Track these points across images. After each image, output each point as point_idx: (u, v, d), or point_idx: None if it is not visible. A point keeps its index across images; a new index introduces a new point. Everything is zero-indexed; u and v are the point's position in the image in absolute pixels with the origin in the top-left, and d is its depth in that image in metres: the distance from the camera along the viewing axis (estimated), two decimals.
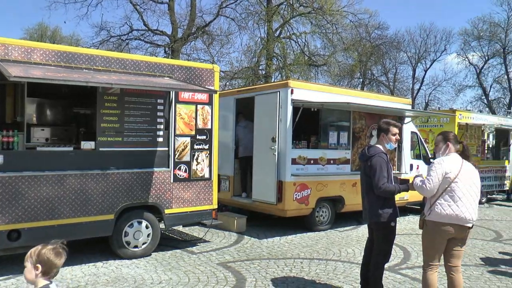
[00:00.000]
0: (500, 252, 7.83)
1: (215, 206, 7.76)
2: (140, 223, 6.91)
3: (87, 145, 6.42)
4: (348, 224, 9.81)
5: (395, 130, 5.03)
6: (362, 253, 5.44)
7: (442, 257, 4.59)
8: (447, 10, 63.40)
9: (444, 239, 4.51)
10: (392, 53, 42.00)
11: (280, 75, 28.40)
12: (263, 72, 27.80)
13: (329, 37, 28.34)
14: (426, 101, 43.55)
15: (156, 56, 23.68)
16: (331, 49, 29.55)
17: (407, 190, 5.05)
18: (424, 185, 4.53)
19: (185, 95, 7.27)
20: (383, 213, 4.85)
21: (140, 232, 6.90)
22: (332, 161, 9.48)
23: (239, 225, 9.03)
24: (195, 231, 8.83)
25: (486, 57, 41.22)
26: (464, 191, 4.44)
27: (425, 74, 44.23)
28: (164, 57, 23.51)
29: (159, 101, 7.01)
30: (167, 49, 24.97)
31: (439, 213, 4.45)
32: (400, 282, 5.97)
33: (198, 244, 7.90)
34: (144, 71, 6.89)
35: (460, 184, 4.44)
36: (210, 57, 26.16)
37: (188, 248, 7.55)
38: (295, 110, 8.79)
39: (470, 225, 4.49)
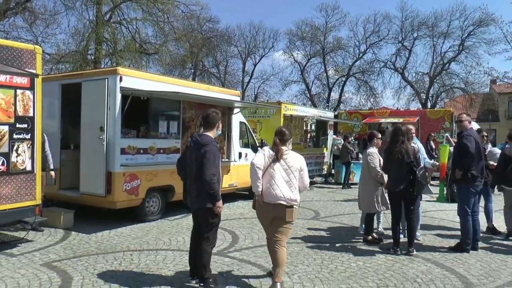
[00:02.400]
0: (317, 229, 8.55)
1: (39, 202, 7.10)
2: None
3: None
4: (179, 213, 9.83)
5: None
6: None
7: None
8: (275, 10, 67.38)
9: (266, 216, 5.20)
10: (223, 47, 43.26)
11: (110, 62, 27.30)
12: (93, 57, 26.44)
13: (160, 25, 28.03)
14: (256, 93, 45.82)
15: None
16: (162, 38, 29.28)
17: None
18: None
19: (1, 78, 6.48)
20: (206, 200, 5.01)
21: None
22: (162, 151, 9.36)
23: (66, 220, 8.43)
24: (16, 231, 8.02)
25: (309, 56, 44.92)
26: (278, 174, 5.10)
27: (254, 68, 46.57)
28: None
29: None
30: None
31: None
32: (228, 264, 6.15)
33: (19, 245, 7.15)
34: None
35: (276, 169, 5.11)
36: (33, 37, 24.13)
37: (7, 251, 6.75)
38: (124, 98, 8.46)
39: (283, 202, 5.04)
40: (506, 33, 33.89)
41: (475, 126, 11.08)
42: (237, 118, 11.78)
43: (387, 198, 7.42)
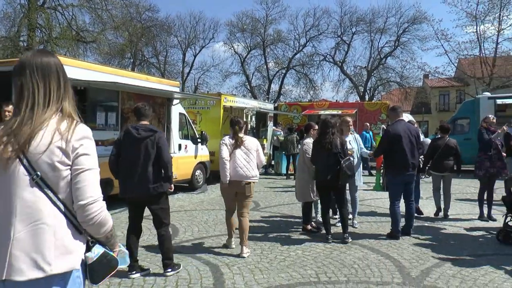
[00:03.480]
0: (257, 220, 8.58)
1: None
2: None
3: None
4: (118, 207, 9.59)
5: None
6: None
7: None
8: (215, 1, 66.95)
9: (230, 192, 6.35)
10: (163, 36, 42.52)
11: None
12: (25, 44, 25.25)
13: (98, 13, 27.17)
14: (196, 84, 45.41)
15: None
16: (100, 26, 28.41)
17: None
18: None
19: None
20: (163, 184, 5.26)
21: None
22: (100, 143, 9.09)
23: None
24: None
25: (249, 48, 44.98)
26: (240, 157, 6.23)
27: (194, 59, 46.16)
28: None
29: None
30: None
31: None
32: None
33: None
34: None
35: (237, 153, 6.24)
36: None
37: None
38: None
39: (245, 180, 6.18)
40: (437, 31, 35.54)
41: (408, 118, 11.53)
42: (177, 109, 11.64)
43: None
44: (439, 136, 9.06)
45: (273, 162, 18.31)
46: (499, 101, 17.78)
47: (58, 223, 1.94)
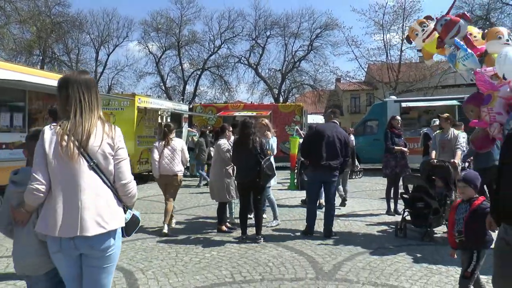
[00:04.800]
0: (177, 223, 8.45)
1: None
2: None
3: None
4: None
5: None
6: None
7: None
8: None
9: (162, 183, 7.94)
10: (74, 33, 40.73)
11: None
12: None
13: (0, 5, 25.43)
14: (110, 84, 43.90)
15: None
16: (3, 20, 26.61)
17: None
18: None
19: None
20: None
21: None
22: (4, 146, 8.50)
23: None
24: None
25: (164, 48, 44.16)
26: (167, 155, 7.79)
27: (108, 57, 44.56)
28: None
29: None
30: None
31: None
32: None
33: None
34: None
35: (165, 152, 7.80)
36: None
37: None
38: None
39: (171, 174, 7.74)
40: (348, 37, 37.08)
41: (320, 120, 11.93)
42: None
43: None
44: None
45: (188, 164, 18.08)
46: (403, 104, 19.01)
47: (109, 195, 2.84)
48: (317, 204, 8.16)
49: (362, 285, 5.06)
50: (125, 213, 2.96)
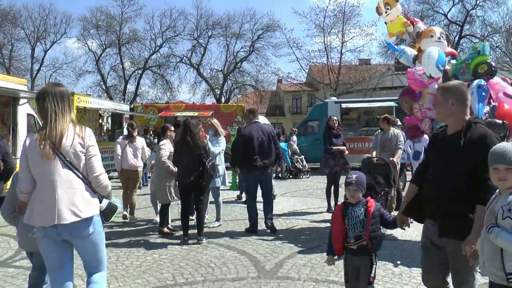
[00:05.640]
0: (112, 226, 8.19)
1: None
2: None
3: None
4: None
5: None
6: None
7: None
8: None
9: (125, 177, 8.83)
10: (7, 27, 38.92)
11: None
12: None
13: None
14: (47, 82, 42.27)
15: None
16: None
17: None
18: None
19: None
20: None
21: None
22: None
23: None
24: None
25: (104, 46, 43.04)
26: (129, 152, 8.68)
27: (45, 54, 42.98)
28: None
29: None
30: None
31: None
32: (13, 275, 5.57)
33: None
34: None
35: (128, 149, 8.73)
36: None
37: None
38: None
39: (132, 168, 8.70)
40: (289, 39, 37.48)
41: (263, 120, 12.00)
42: (25, 109, 10.71)
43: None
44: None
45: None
46: (344, 105, 19.50)
47: (82, 187, 3.31)
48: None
49: (303, 282, 5.17)
50: (100, 202, 3.41)
